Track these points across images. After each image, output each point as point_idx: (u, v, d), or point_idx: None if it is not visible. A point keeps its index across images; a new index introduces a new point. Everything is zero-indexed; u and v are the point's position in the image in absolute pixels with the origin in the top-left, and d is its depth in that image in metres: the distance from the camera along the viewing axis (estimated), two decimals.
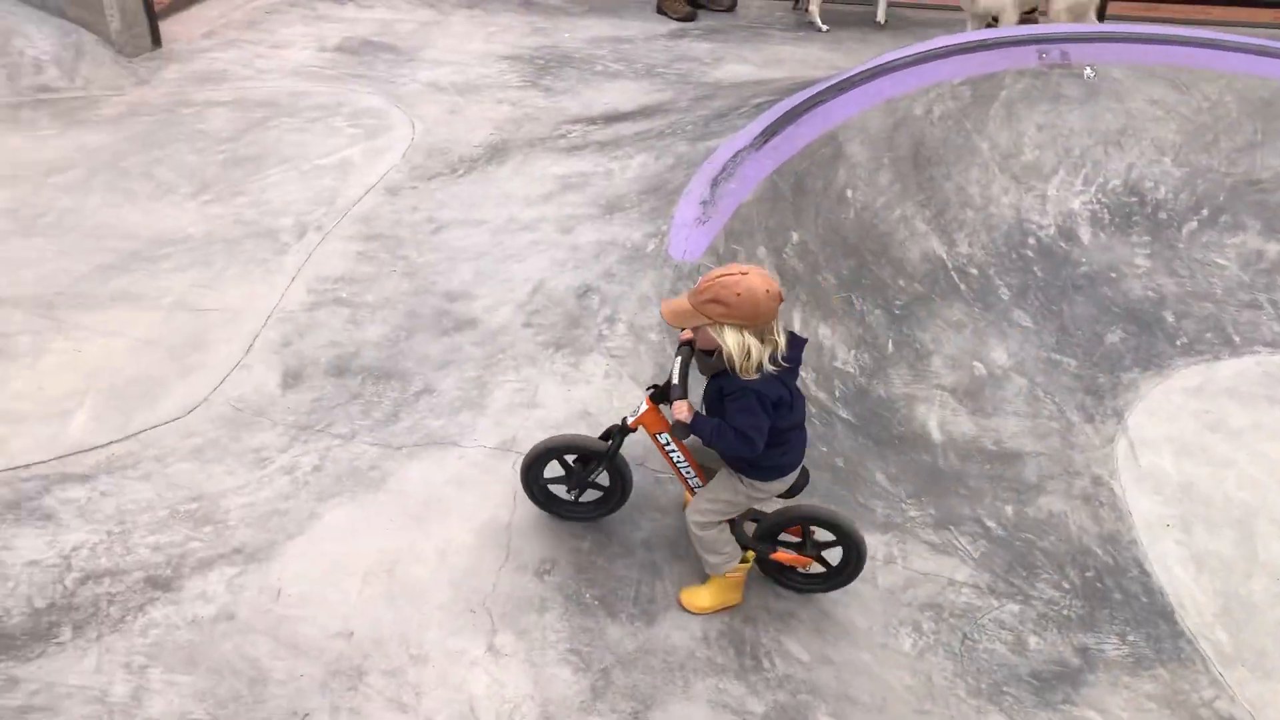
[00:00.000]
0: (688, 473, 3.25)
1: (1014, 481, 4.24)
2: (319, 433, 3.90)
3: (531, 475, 3.42)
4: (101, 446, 3.80)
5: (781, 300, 2.90)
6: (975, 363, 4.79)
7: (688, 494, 3.32)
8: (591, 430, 3.74)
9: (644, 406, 3.15)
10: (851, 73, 5.70)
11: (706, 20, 7.86)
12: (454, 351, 4.27)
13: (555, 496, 3.50)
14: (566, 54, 7.07)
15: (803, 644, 3.26)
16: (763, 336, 2.90)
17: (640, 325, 4.29)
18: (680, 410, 2.96)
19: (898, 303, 4.93)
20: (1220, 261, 5.32)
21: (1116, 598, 3.76)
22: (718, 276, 2.88)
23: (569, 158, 5.64)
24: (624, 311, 4.36)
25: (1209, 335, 4.99)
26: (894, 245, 5.14)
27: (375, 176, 5.56)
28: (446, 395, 4.06)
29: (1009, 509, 4.11)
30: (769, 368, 2.91)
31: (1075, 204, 5.50)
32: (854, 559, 3.29)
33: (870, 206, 5.21)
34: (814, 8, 7.62)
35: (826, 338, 4.63)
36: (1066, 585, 3.81)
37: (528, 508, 3.53)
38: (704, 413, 3.06)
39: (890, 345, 4.76)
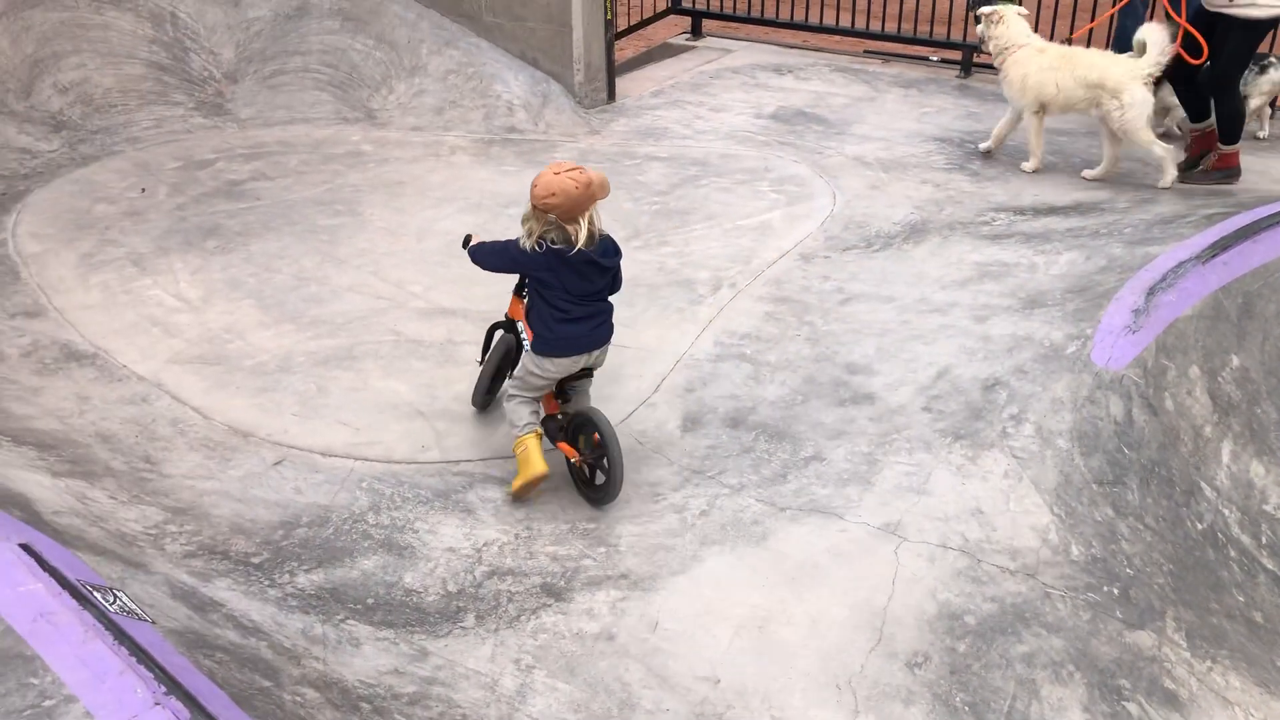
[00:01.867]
0: None
1: None
2: (710, 479, 4.05)
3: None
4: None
5: (584, 194, 3.72)
6: None
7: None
8: None
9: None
10: None
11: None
12: (848, 423, 4.29)
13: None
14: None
15: None
16: (555, 225, 3.76)
17: (1050, 430, 4.09)
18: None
19: None
20: None
21: None
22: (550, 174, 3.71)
23: (990, 245, 5.51)
24: (1033, 412, 4.19)
25: None
26: None
27: (791, 242, 5.73)
28: (836, 465, 4.08)
29: None
30: (534, 246, 3.77)
31: None
32: (612, 474, 3.82)
33: None
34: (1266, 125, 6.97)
35: (1260, 476, 4.19)
36: None
37: (907, 595, 3.47)
38: None
39: None
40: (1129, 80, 5.90)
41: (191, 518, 3.78)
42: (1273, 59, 6.69)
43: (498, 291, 5.26)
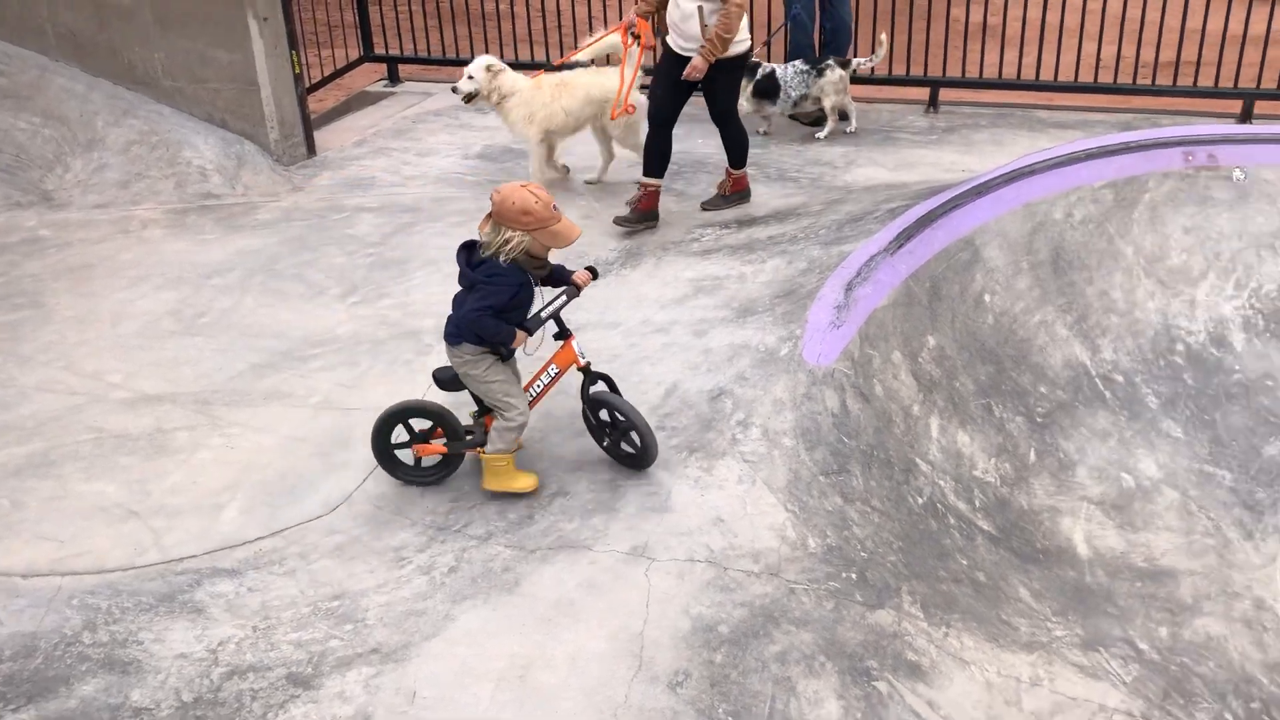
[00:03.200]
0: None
1: (1167, 601, 4.03)
2: (456, 533, 3.96)
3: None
4: (250, 542, 3.94)
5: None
6: (1123, 474, 4.60)
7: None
8: None
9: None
10: (988, 176, 5.65)
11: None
12: (588, 453, 4.31)
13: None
14: (700, 159, 7.19)
15: None
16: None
17: (775, 430, 4.26)
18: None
19: (1039, 410, 4.79)
20: None
21: None
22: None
23: (702, 261, 5.71)
24: (758, 415, 4.35)
25: None
26: (1034, 351, 5.02)
27: None
28: (580, 498, 4.09)
29: (1163, 630, 3.90)
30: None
31: (1227, 309, 5.28)
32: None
33: (1009, 312, 5.11)
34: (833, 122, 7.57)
35: (966, 445, 4.53)
36: (1229, 716, 3.57)
37: (661, 616, 3.50)
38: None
39: (1032, 454, 4.62)
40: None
41: None
42: (830, 61, 7.31)
43: (208, 370, 4.98)
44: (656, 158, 6.17)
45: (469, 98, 6.62)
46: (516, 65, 7.24)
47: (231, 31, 6.96)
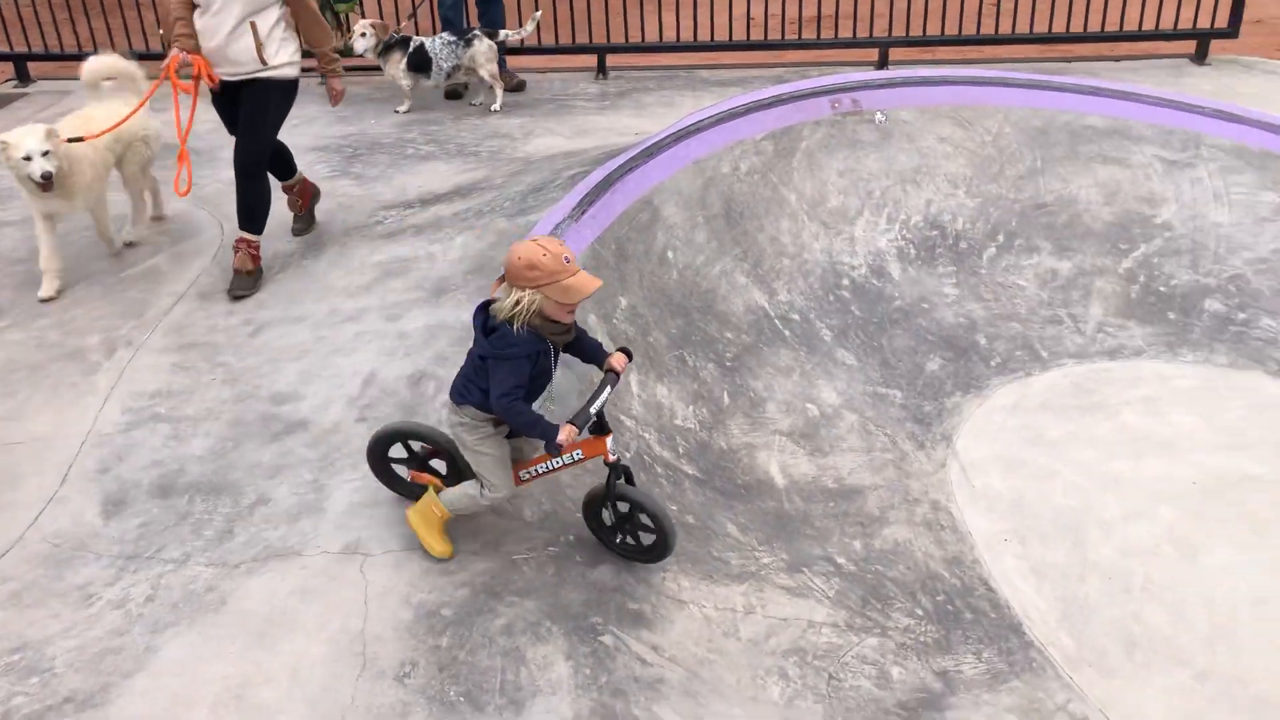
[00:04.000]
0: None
1: (858, 516, 4.36)
2: (149, 559, 3.69)
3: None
4: None
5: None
6: (808, 404, 4.92)
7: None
8: None
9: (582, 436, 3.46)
10: (658, 137, 5.85)
11: (513, 97, 7.93)
12: (286, 456, 4.13)
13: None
14: (375, 140, 7.02)
15: (675, 709, 3.25)
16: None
17: None
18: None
19: (728, 355, 5.04)
20: (1020, 283, 5.65)
21: (968, 617, 3.89)
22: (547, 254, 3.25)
23: (388, 244, 5.57)
24: None
25: (1019, 354, 5.28)
26: (718, 300, 5.27)
27: (185, 283, 5.37)
28: (283, 503, 3.91)
29: (857, 544, 4.22)
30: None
31: (882, 242, 5.76)
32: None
33: (691, 265, 5.33)
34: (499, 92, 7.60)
35: (665, 397, 4.69)
36: (920, 612, 3.92)
37: (381, 610, 3.42)
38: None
39: (726, 397, 4.86)
40: (150, 126, 5.73)
41: None
42: (475, 30, 7.43)
43: None
44: (260, 210, 5.36)
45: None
46: (149, 57, 6.77)
47: None
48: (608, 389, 3.45)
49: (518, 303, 3.25)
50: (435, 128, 7.12)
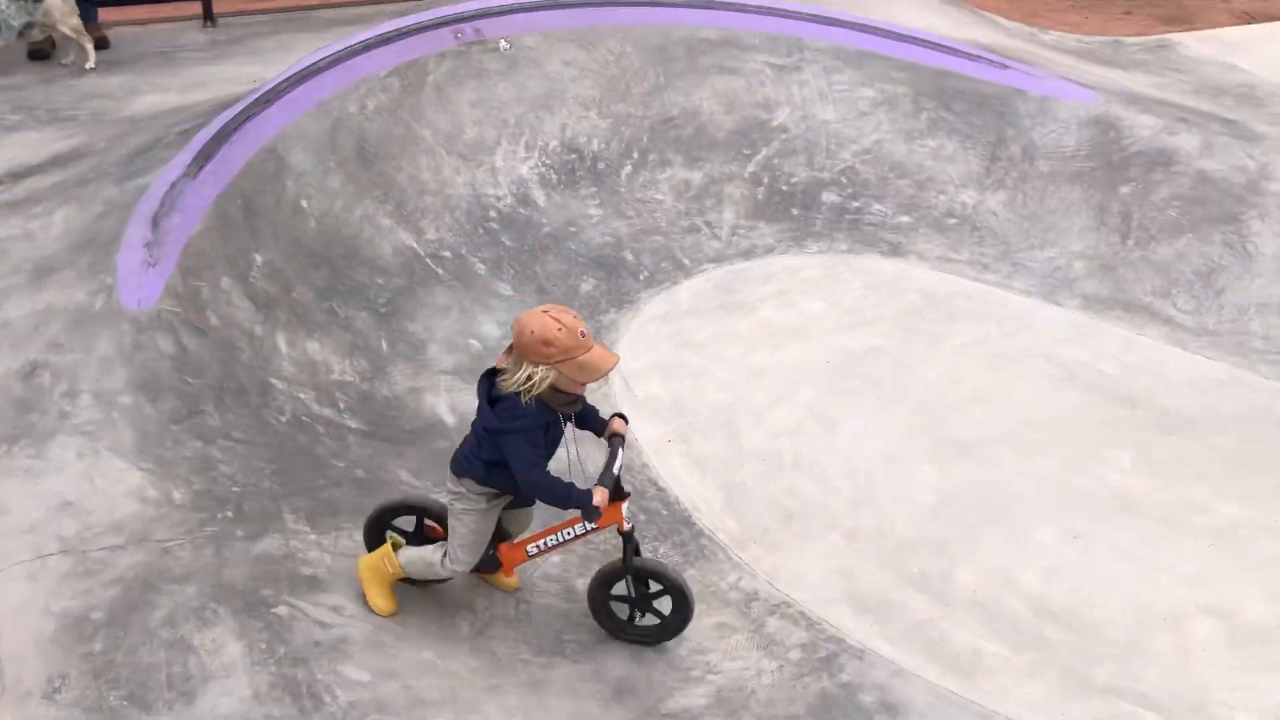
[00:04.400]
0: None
1: None
2: None
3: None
4: None
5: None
6: (470, 340, 4.90)
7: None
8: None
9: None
10: (275, 82, 5.54)
11: (108, 54, 7.21)
12: None
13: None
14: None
15: (362, 665, 3.17)
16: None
17: (108, 391, 3.89)
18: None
19: (381, 301, 4.91)
20: (658, 197, 5.87)
21: (642, 519, 4.05)
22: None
23: None
24: (85, 381, 3.94)
25: (665, 265, 5.50)
26: (363, 245, 5.10)
27: None
28: None
29: None
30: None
31: (524, 170, 5.78)
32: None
33: (330, 212, 5.12)
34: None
35: (318, 352, 4.51)
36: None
37: (18, 627, 3.09)
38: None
39: (384, 345, 4.74)
40: None
41: None
42: None
43: None
44: None
45: None
46: None
47: None
48: (621, 453, 3.30)
49: (529, 378, 3.05)
50: (21, 93, 6.37)
